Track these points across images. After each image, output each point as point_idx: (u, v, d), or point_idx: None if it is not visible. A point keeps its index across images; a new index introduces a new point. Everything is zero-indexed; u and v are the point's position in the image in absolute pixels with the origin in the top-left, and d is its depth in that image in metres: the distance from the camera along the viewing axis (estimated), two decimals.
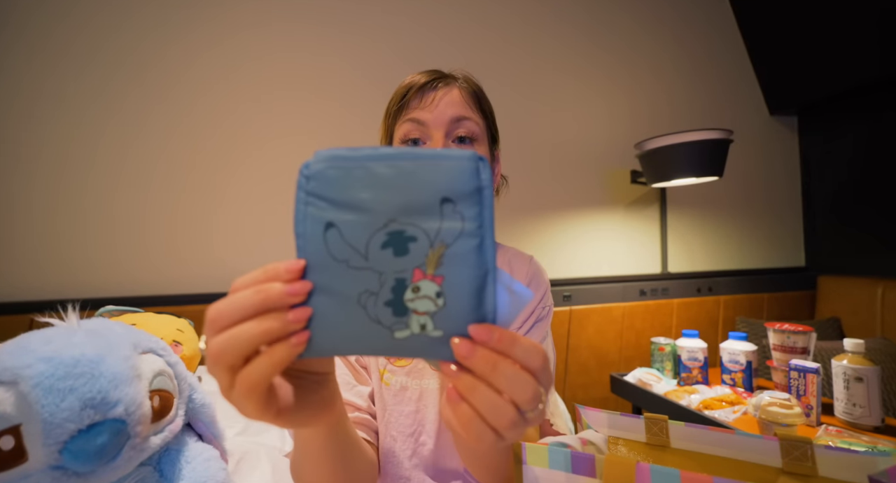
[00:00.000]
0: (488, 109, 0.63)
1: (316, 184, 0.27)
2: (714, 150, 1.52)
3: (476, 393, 0.25)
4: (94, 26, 1.34)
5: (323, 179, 0.27)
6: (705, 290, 1.86)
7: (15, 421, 0.40)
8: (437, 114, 0.56)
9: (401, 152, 0.27)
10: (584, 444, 0.41)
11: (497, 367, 0.25)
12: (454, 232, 0.26)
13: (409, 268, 0.26)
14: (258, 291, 0.25)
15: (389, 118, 0.61)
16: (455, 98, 0.58)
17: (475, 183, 0.26)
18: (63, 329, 0.48)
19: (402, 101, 0.58)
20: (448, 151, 0.27)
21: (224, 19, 1.44)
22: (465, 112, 0.57)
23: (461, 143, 0.57)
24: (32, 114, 1.29)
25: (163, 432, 0.50)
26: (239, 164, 1.45)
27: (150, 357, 0.52)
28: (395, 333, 0.27)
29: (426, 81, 0.58)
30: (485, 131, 0.60)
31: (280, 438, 0.96)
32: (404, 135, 0.58)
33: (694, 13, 1.97)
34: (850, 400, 1.01)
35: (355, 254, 0.26)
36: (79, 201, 1.32)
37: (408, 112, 0.58)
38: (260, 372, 0.25)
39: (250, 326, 0.24)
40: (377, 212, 0.26)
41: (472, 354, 0.25)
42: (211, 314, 0.25)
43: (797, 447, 0.34)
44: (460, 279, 0.26)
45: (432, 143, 0.56)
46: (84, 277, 1.31)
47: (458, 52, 1.67)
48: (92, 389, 0.42)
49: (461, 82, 0.60)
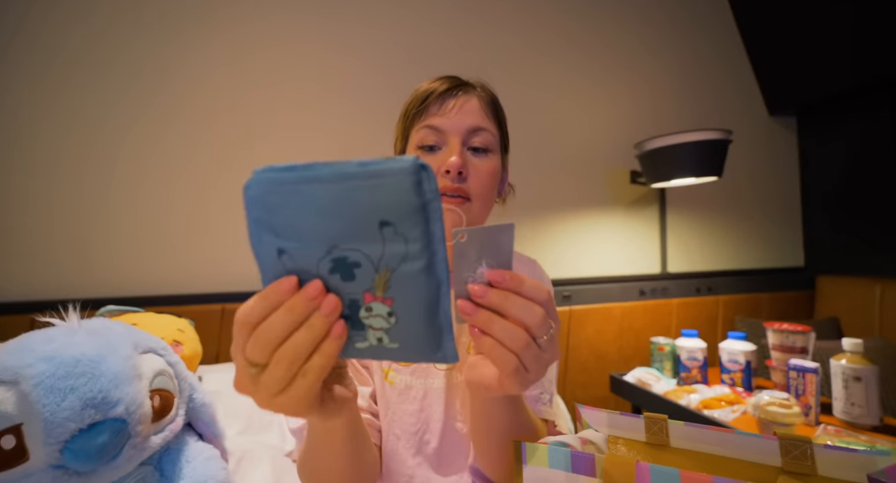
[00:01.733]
0: (503, 119, 0.64)
1: (259, 211, 0.27)
2: (713, 151, 1.52)
3: (493, 324, 0.31)
4: (90, 22, 1.34)
5: (263, 207, 0.27)
6: (705, 290, 1.86)
7: (16, 420, 0.40)
8: (456, 122, 0.57)
9: (336, 171, 0.25)
10: (583, 444, 0.41)
11: (508, 300, 0.31)
12: (398, 255, 0.26)
13: (359, 291, 0.27)
14: (289, 310, 0.27)
15: (407, 121, 0.62)
16: (473, 107, 0.59)
17: (417, 200, 0.25)
18: (64, 329, 0.48)
19: (421, 105, 0.59)
20: (385, 166, 0.25)
21: (224, 13, 1.44)
22: (483, 122, 0.58)
23: (476, 153, 0.58)
24: (32, 114, 1.29)
25: (163, 432, 0.50)
26: (240, 163, 1.45)
27: (151, 357, 0.52)
28: (355, 344, 0.29)
29: (446, 88, 0.59)
30: (498, 141, 0.61)
31: (280, 438, 0.96)
32: (420, 141, 0.59)
33: (694, 13, 1.97)
34: (848, 399, 1.01)
35: (310, 275, 0.27)
36: (79, 201, 1.32)
37: (426, 118, 0.59)
38: (317, 369, 0.28)
39: (300, 334, 0.28)
40: (319, 240, 0.26)
41: (486, 294, 0.31)
42: (257, 336, 0.28)
43: (797, 446, 0.34)
44: (409, 299, 0.27)
45: (448, 149, 0.57)
46: (85, 277, 1.31)
47: (462, 49, 1.67)
48: (93, 389, 0.43)
49: (479, 91, 0.61)
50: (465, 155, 0.57)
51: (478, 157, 0.58)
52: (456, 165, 0.55)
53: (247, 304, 0.28)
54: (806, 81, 1.89)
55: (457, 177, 0.56)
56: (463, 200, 0.57)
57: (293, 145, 1.50)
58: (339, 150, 1.53)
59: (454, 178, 0.56)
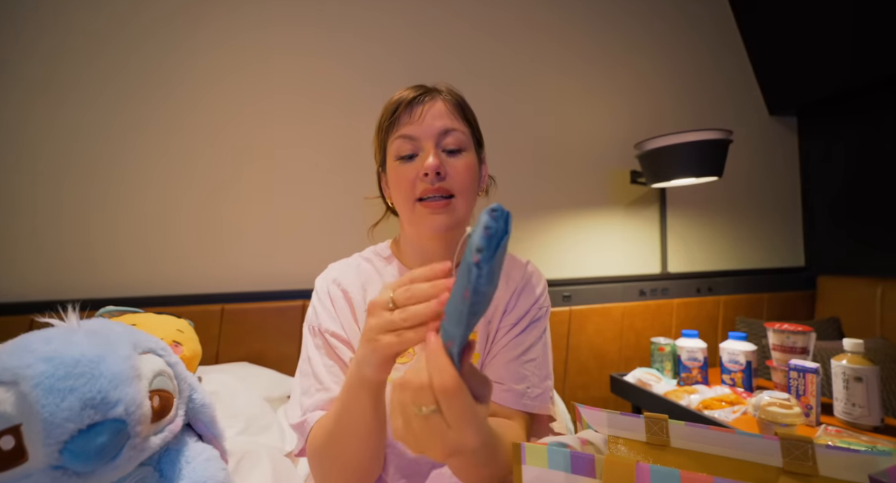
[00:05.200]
0: (472, 117, 0.67)
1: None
2: (714, 151, 1.52)
3: None
4: (97, 26, 1.34)
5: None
6: (705, 291, 1.86)
7: (15, 421, 0.40)
8: (426, 127, 0.61)
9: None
10: (583, 444, 0.41)
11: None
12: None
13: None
14: (434, 286, 0.38)
15: (381, 133, 0.65)
16: (440, 110, 0.62)
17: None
18: (63, 329, 0.48)
19: (392, 117, 0.62)
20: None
21: (228, 21, 1.44)
22: (451, 123, 0.62)
23: (451, 155, 0.61)
24: (32, 114, 1.29)
25: (163, 432, 0.50)
26: (240, 163, 1.45)
27: (150, 357, 0.52)
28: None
29: (413, 97, 0.62)
30: (471, 139, 0.64)
31: (280, 438, 0.96)
32: (397, 152, 0.62)
33: (694, 13, 1.97)
34: (849, 400, 1.01)
35: None
36: (78, 202, 1.32)
37: (398, 128, 0.62)
38: (415, 335, 0.38)
39: (431, 302, 0.37)
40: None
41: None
42: (412, 289, 0.38)
43: (798, 447, 0.34)
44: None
45: (424, 154, 0.60)
46: (84, 278, 1.31)
47: (460, 55, 1.67)
48: (92, 389, 0.42)
49: (445, 94, 0.64)
50: (441, 156, 0.60)
51: (453, 157, 0.61)
52: (433, 167, 0.58)
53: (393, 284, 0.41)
54: (806, 81, 1.89)
55: (436, 177, 0.59)
56: (447, 199, 0.60)
57: (298, 147, 1.50)
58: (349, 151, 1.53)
59: (433, 180, 0.59)
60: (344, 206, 1.52)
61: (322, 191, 1.52)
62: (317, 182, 1.51)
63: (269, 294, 1.42)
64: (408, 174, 0.60)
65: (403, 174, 0.61)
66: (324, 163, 1.52)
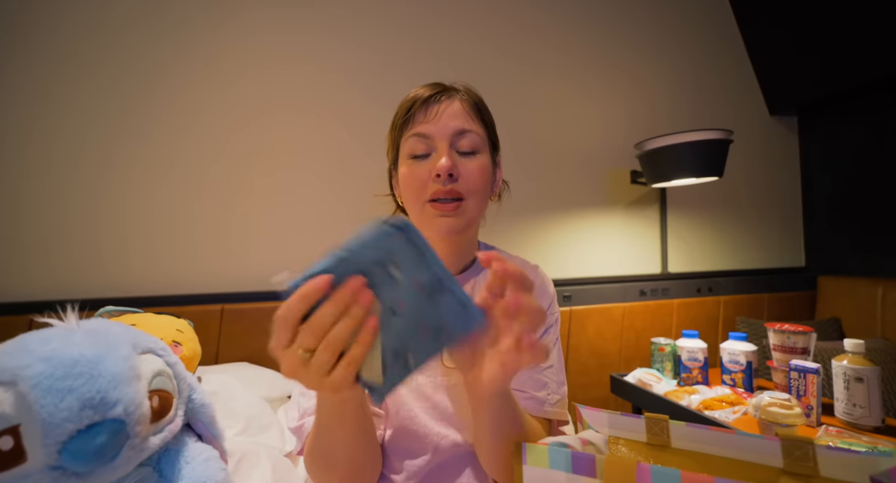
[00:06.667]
0: (489, 119, 0.65)
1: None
2: (714, 151, 1.52)
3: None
4: (100, 31, 1.34)
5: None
6: (705, 291, 1.86)
7: (14, 421, 0.40)
8: (441, 126, 0.59)
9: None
10: (584, 444, 0.41)
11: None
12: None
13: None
14: (337, 303, 0.32)
15: (395, 131, 0.63)
16: (457, 110, 0.60)
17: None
18: (62, 329, 0.48)
19: (407, 114, 0.61)
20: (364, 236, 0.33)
21: (237, 24, 1.44)
22: (467, 124, 0.60)
23: (465, 157, 0.60)
24: (35, 115, 1.29)
25: (162, 432, 0.50)
26: (239, 164, 1.45)
27: (150, 357, 0.52)
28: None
29: (430, 95, 0.60)
30: (486, 141, 0.63)
31: (279, 439, 0.96)
32: (410, 150, 0.60)
33: (694, 13, 1.97)
34: (850, 400, 1.01)
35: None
36: (78, 202, 1.32)
37: (413, 126, 0.60)
38: (357, 354, 0.33)
39: (342, 325, 0.33)
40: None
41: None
42: (310, 326, 0.33)
43: (798, 447, 0.34)
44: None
45: (437, 154, 0.59)
46: (83, 278, 1.31)
47: (458, 56, 1.67)
48: (91, 389, 0.42)
49: (462, 94, 0.62)
50: (454, 157, 0.59)
51: (467, 158, 0.60)
52: (445, 168, 0.56)
53: (286, 304, 0.33)
54: (806, 81, 1.88)
55: (448, 179, 0.57)
56: (457, 201, 0.58)
57: (299, 150, 1.50)
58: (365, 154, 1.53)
59: (445, 181, 0.57)
60: (345, 207, 1.52)
61: (323, 192, 1.52)
62: (317, 183, 1.51)
63: (269, 294, 1.42)
64: (420, 174, 0.59)
65: (415, 173, 0.59)
66: (324, 164, 1.52)
